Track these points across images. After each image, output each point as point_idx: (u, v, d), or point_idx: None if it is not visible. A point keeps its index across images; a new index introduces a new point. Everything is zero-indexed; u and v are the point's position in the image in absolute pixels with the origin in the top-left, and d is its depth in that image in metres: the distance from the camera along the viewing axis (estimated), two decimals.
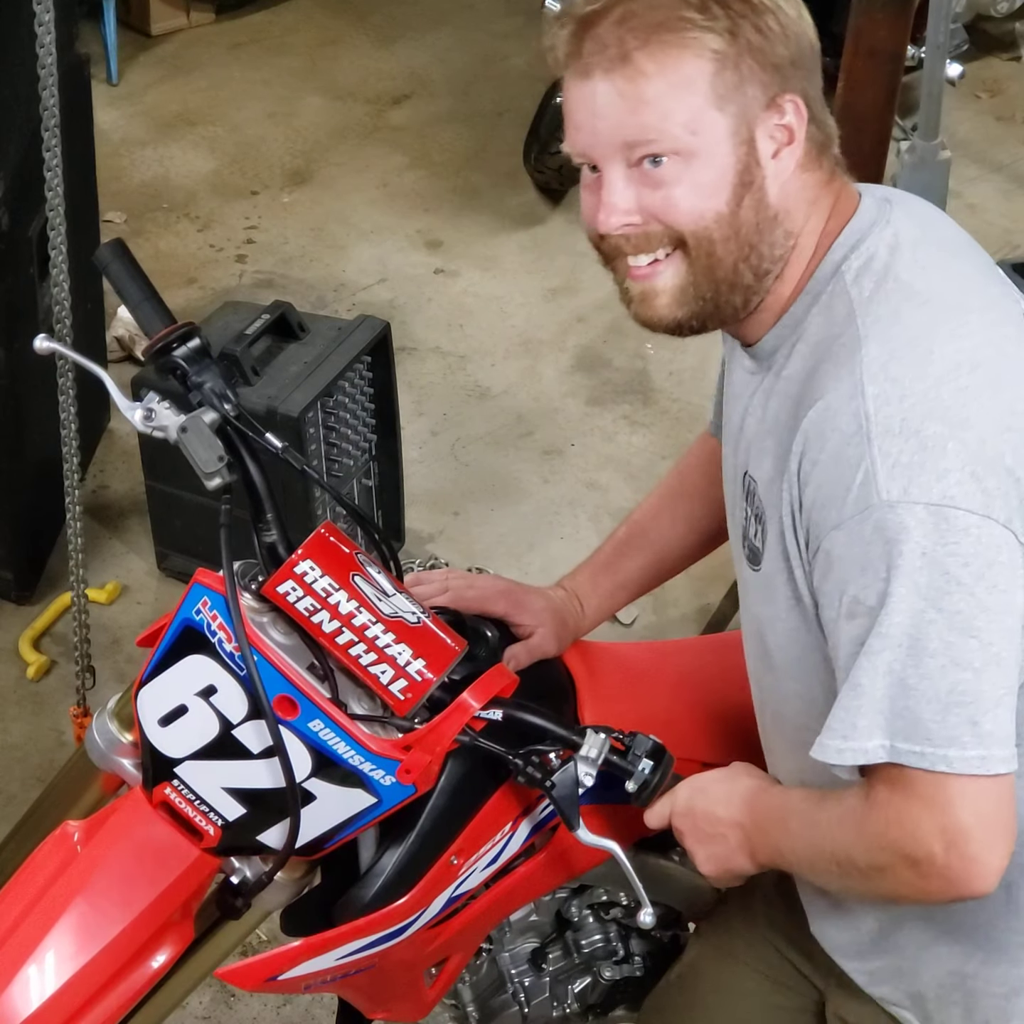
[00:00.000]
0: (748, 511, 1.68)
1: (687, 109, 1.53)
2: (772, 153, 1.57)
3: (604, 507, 3.87)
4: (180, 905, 1.70)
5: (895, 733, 1.47)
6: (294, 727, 1.60)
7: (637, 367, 4.25)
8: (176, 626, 1.63)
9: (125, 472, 3.85)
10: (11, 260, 3.22)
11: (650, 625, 3.56)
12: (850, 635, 1.50)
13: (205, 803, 1.66)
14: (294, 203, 4.92)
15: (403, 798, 1.62)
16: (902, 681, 1.46)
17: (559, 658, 1.94)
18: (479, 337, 4.37)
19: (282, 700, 1.59)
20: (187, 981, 1.82)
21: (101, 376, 1.80)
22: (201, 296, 4.46)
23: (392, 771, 1.60)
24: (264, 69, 5.52)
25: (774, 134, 1.56)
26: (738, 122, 1.54)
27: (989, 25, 5.36)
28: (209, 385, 1.72)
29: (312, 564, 1.61)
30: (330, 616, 1.60)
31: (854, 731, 1.49)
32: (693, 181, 1.55)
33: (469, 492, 3.89)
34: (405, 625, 1.62)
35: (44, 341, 1.86)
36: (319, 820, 1.64)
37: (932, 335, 1.52)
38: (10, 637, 3.47)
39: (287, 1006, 2.81)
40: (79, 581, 2.86)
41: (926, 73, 3.61)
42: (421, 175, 5.03)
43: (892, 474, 1.45)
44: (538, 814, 1.81)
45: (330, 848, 1.68)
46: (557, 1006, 2.13)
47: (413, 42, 5.68)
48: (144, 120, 5.25)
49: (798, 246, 1.62)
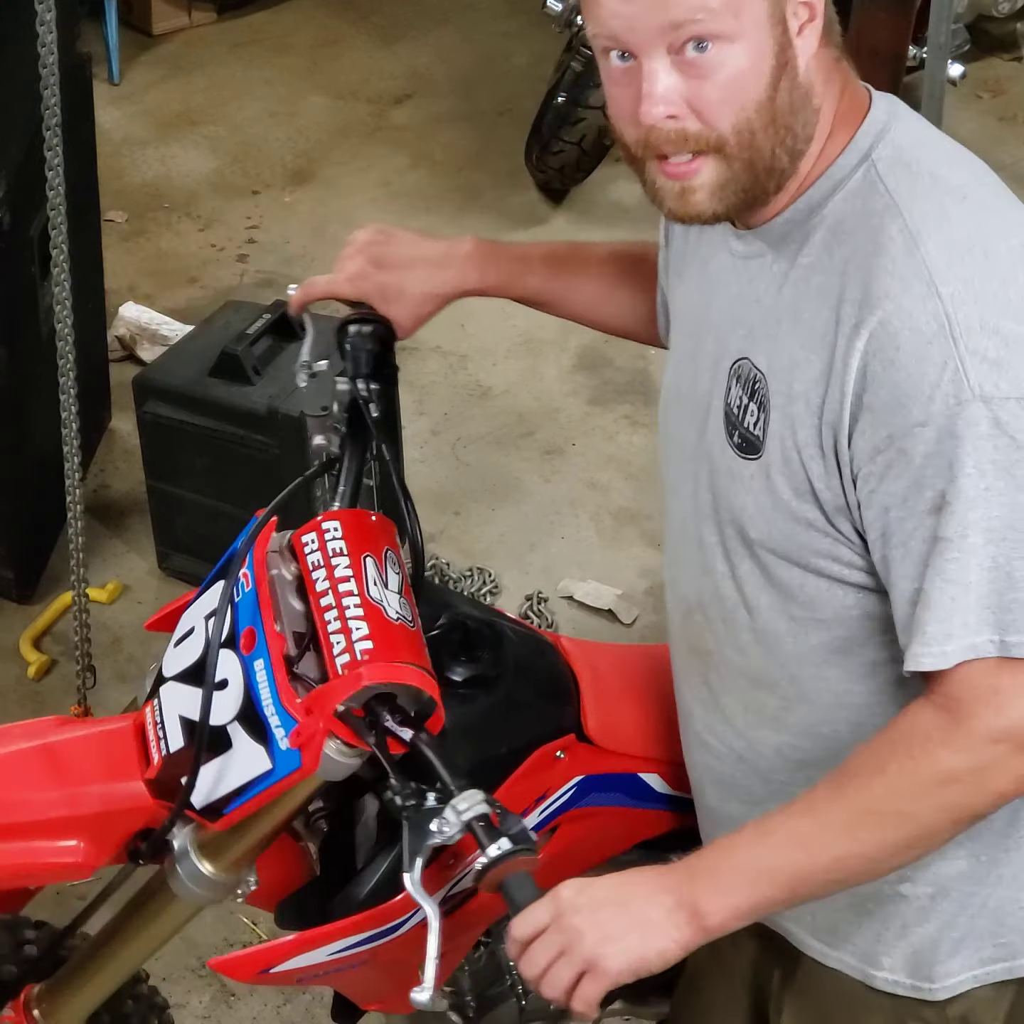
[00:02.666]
0: (743, 399, 1.63)
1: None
2: (797, 30, 1.53)
3: (605, 507, 3.87)
4: (102, 815, 1.70)
5: (1005, 627, 1.46)
6: (244, 662, 1.60)
7: (638, 367, 4.25)
8: (226, 554, 1.68)
9: (126, 471, 3.84)
10: (12, 259, 3.22)
11: (650, 625, 3.56)
12: (934, 532, 1.48)
13: (163, 728, 1.66)
14: (295, 203, 4.92)
15: (290, 770, 1.57)
16: (1008, 575, 1.46)
17: (564, 659, 1.93)
18: (480, 336, 4.36)
19: (249, 634, 1.60)
20: (118, 970, 1.86)
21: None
22: (202, 296, 4.46)
23: (289, 731, 1.57)
24: (266, 68, 5.52)
25: (797, 11, 1.53)
26: (773, 2, 1.51)
27: (991, 25, 5.36)
28: (365, 372, 1.82)
29: (337, 526, 1.65)
30: (325, 575, 1.62)
31: (963, 629, 1.47)
32: (737, 68, 1.50)
33: (470, 491, 3.89)
34: (382, 615, 1.61)
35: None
36: (227, 775, 1.62)
37: (984, 233, 1.53)
38: (11, 636, 3.47)
39: (287, 1005, 2.81)
40: (80, 580, 2.87)
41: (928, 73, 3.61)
42: (423, 174, 5.03)
43: (981, 370, 1.46)
44: (536, 816, 1.81)
45: (228, 815, 1.63)
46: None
47: (415, 42, 5.68)
48: (145, 119, 5.25)
49: (822, 131, 1.58)
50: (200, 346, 3.49)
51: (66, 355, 2.78)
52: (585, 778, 1.87)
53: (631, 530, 3.81)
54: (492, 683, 1.80)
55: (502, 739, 1.79)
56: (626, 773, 1.91)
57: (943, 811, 1.51)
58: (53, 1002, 1.91)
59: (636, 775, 1.92)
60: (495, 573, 3.66)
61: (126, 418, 3.80)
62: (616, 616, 3.57)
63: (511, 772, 1.79)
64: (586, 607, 3.60)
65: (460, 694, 1.77)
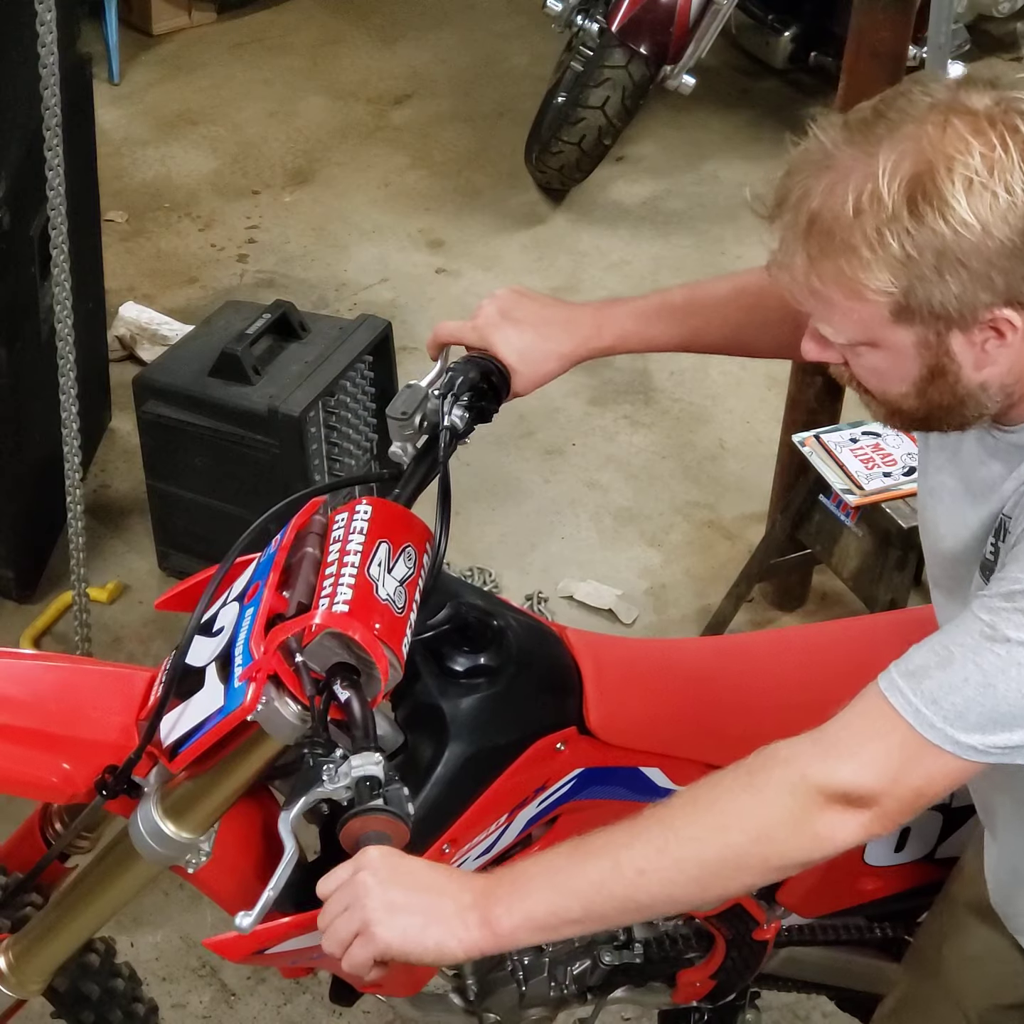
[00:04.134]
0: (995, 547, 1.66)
1: (862, 326, 1.54)
2: (976, 349, 1.54)
3: (605, 507, 3.87)
4: (87, 740, 1.76)
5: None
6: (240, 611, 1.66)
7: (638, 367, 4.25)
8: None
9: (126, 471, 3.85)
10: (12, 259, 3.22)
11: (650, 625, 3.56)
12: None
13: (167, 671, 1.71)
14: (295, 203, 4.92)
15: (233, 707, 1.60)
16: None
17: (568, 651, 1.94)
18: None
19: (255, 588, 1.67)
20: (85, 925, 1.89)
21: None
22: (202, 295, 4.46)
23: (244, 666, 1.61)
24: (266, 68, 5.52)
25: (974, 338, 1.53)
26: (924, 335, 1.53)
27: (991, 25, 5.36)
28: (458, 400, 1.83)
29: (368, 510, 1.70)
30: (339, 549, 1.67)
31: None
32: (873, 365, 1.58)
33: (471, 491, 3.89)
34: (371, 591, 1.63)
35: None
36: (191, 714, 1.66)
37: None
38: (11, 636, 3.47)
39: (288, 1005, 2.81)
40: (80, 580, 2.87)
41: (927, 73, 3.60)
42: (423, 175, 5.03)
43: None
44: (535, 807, 1.82)
45: (182, 752, 1.66)
46: (555, 986, 2.13)
47: (415, 42, 5.68)
48: (145, 119, 5.25)
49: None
50: (200, 346, 3.49)
51: (66, 355, 2.78)
52: (585, 770, 1.88)
53: (631, 530, 3.81)
54: (494, 674, 1.81)
55: (503, 729, 1.79)
56: (627, 767, 1.91)
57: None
58: (20, 955, 1.94)
59: (637, 769, 1.92)
60: (495, 573, 3.67)
61: (126, 418, 3.80)
62: (616, 616, 3.57)
63: (511, 762, 1.79)
64: (586, 607, 3.60)
65: (462, 684, 1.79)
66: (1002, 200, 1.46)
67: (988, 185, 1.46)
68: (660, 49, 4.48)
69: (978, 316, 1.51)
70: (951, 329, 1.52)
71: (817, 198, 1.51)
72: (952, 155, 1.47)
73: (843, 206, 1.49)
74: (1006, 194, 1.46)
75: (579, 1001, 2.18)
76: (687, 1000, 2.27)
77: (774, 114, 5.21)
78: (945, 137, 1.48)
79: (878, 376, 1.59)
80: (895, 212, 1.48)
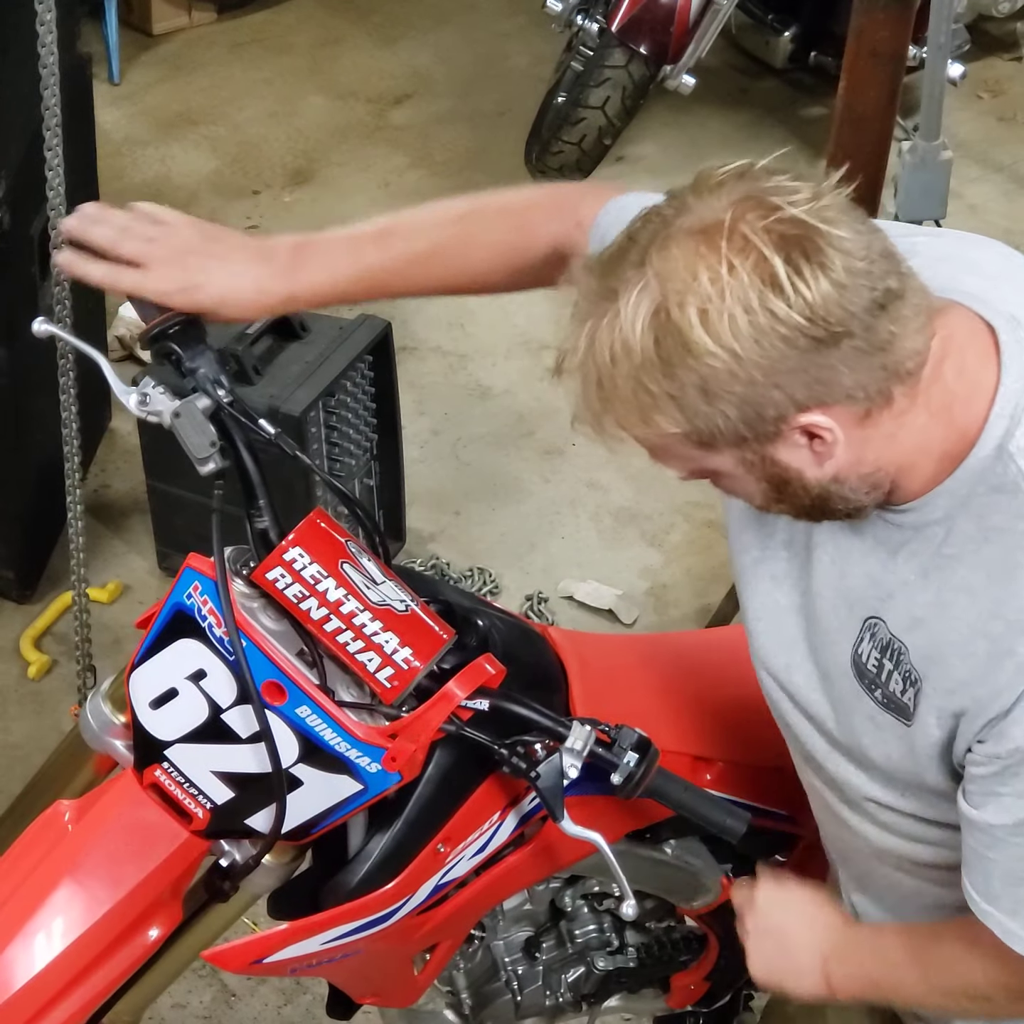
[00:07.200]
0: (879, 659, 1.59)
1: (683, 460, 1.55)
2: (805, 451, 1.47)
3: (605, 507, 3.87)
4: (168, 886, 1.71)
5: None
6: (282, 713, 1.61)
7: None
8: (168, 610, 1.65)
9: (126, 471, 3.85)
10: (12, 259, 3.22)
11: (651, 625, 3.56)
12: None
13: (194, 786, 1.67)
14: (296, 203, 4.92)
15: (388, 786, 1.63)
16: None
17: (552, 648, 1.94)
18: (480, 336, 4.36)
19: (270, 686, 1.60)
20: (176, 963, 1.84)
21: (98, 360, 1.81)
22: None
23: (378, 759, 1.61)
24: (266, 68, 5.52)
25: (796, 442, 1.46)
26: (740, 455, 1.48)
27: (991, 25, 5.36)
28: (203, 371, 1.72)
29: (301, 551, 1.61)
30: (318, 603, 1.61)
31: None
32: (723, 485, 1.57)
33: (470, 491, 3.89)
34: (393, 613, 1.62)
35: (42, 324, 1.84)
36: (306, 806, 1.65)
37: None
38: (11, 636, 3.47)
39: (288, 1006, 2.81)
40: (80, 580, 2.87)
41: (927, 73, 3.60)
42: (423, 175, 5.03)
43: None
44: (526, 804, 1.82)
45: (317, 834, 1.68)
46: (550, 995, 2.14)
47: (415, 42, 5.68)
48: (145, 119, 5.24)
49: (913, 460, 1.50)
50: None
51: (66, 355, 2.78)
52: None
53: (631, 530, 3.81)
54: None
55: (487, 727, 1.79)
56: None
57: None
58: None
59: None
60: (495, 573, 3.67)
61: (126, 418, 3.80)
62: (616, 616, 3.57)
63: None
64: (586, 607, 3.60)
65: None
66: (742, 321, 1.38)
67: (724, 310, 1.37)
68: (660, 49, 4.48)
69: (779, 427, 1.44)
70: (763, 444, 1.46)
71: (581, 353, 1.48)
72: (679, 289, 1.39)
73: (603, 358, 1.45)
74: (744, 314, 1.37)
75: (574, 1009, 2.19)
76: (682, 1005, 2.27)
77: (774, 114, 5.22)
78: (669, 267, 1.40)
79: (736, 492, 1.57)
80: (645, 358, 1.42)
